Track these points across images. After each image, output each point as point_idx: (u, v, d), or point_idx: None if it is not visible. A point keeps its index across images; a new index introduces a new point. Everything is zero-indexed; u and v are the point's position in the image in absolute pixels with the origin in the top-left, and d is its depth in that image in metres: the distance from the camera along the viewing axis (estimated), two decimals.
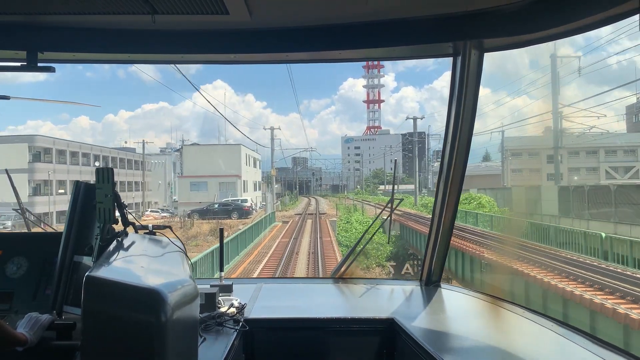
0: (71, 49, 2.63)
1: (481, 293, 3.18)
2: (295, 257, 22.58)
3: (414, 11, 2.40)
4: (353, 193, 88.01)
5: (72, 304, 2.03)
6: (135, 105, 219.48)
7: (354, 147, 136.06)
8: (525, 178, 51.82)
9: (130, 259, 1.81)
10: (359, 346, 2.74)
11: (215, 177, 56.40)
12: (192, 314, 1.70)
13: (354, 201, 58.58)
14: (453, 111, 2.81)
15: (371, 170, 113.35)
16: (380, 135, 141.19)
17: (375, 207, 36.89)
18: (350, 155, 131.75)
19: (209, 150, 60.68)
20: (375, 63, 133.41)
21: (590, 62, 36.14)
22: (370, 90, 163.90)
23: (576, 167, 53.39)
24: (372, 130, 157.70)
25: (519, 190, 36.12)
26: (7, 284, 2.20)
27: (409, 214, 33.82)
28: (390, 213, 3.50)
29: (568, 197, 27.83)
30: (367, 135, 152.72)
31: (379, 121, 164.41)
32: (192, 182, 57.22)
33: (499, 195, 39.58)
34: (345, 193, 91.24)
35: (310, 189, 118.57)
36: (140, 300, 1.46)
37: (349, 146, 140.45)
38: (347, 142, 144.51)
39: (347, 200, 66.63)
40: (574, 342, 2.28)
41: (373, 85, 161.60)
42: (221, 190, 54.69)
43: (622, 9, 1.92)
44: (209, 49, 2.63)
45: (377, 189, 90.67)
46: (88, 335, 1.48)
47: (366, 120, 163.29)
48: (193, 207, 45.12)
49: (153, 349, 1.43)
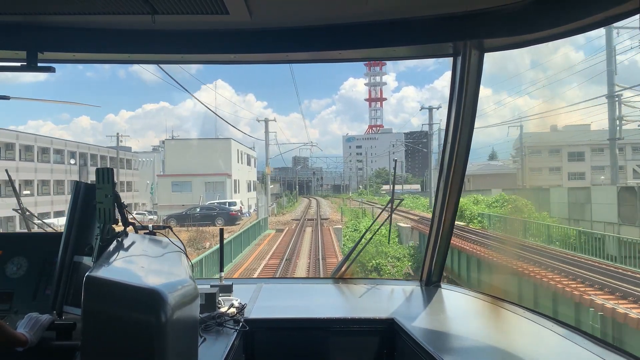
0: (71, 49, 2.63)
1: (481, 293, 3.18)
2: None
3: (414, 11, 2.40)
4: (356, 194, 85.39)
5: (72, 304, 2.03)
6: (136, 105, 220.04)
7: (355, 147, 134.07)
8: (545, 177, 46.79)
9: (131, 259, 1.81)
10: (359, 346, 2.74)
11: (201, 176, 48.50)
12: (192, 314, 1.70)
13: (361, 204, 52.90)
14: (453, 111, 2.81)
15: (374, 170, 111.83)
16: (382, 134, 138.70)
17: (386, 212, 30.24)
18: (352, 155, 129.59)
19: (195, 145, 52.17)
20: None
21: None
22: (372, 89, 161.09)
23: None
24: (374, 129, 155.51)
25: (559, 192, 29.31)
26: (7, 284, 2.20)
27: (425, 219, 28.82)
28: (391, 213, 3.51)
29: (634, 201, 21.49)
30: (369, 134, 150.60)
31: (381, 120, 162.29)
32: (174, 182, 49.24)
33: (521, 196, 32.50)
34: (350, 194, 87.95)
35: (311, 189, 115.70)
36: (140, 301, 1.46)
37: (350, 145, 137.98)
38: (348, 141, 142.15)
39: (352, 202, 61.49)
40: (574, 342, 2.28)
41: (375, 84, 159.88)
42: (208, 191, 47.86)
43: (622, 9, 1.92)
44: (209, 49, 2.63)
45: (381, 189, 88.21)
46: (88, 335, 1.48)
47: (367, 120, 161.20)
48: (176, 210, 39.16)
49: (153, 349, 1.43)
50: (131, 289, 1.49)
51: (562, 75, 39.53)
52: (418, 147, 73.74)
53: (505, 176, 53.47)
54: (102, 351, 1.47)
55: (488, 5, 2.29)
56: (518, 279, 15.10)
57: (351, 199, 67.63)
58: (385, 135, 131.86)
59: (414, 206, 45.80)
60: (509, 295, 11.99)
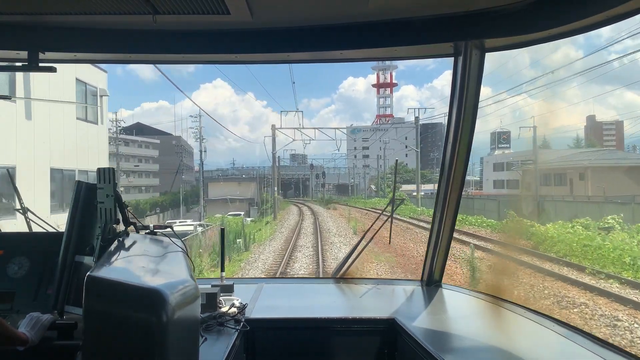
0: (73, 49, 2.63)
1: (482, 293, 3.18)
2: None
3: (415, 11, 2.40)
4: (377, 198, 60.76)
5: (73, 304, 2.03)
6: (135, 104, 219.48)
7: (361, 140, 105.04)
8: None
9: (132, 259, 1.81)
10: (360, 346, 2.74)
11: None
12: (193, 314, 1.71)
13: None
14: (454, 111, 2.81)
15: (390, 166, 78.76)
16: (394, 124, 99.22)
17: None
18: (357, 149, 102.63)
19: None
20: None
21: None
22: (382, 72, 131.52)
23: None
24: (383, 119, 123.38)
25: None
26: (9, 284, 2.21)
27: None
28: (391, 214, 3.51)
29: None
30: (377, 124, 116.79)
31: (390, 109, 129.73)
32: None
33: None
34: (368, 199, 64.15)
35: (309, 189, 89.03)
36: (141, 301, 1.46)
37: (355, 138, 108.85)
38: (353, 133, 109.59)
39: (362, 210, 39.71)
40: (574, 342, 2.28)
41: (384, 67, 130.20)
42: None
43: (623, 9, 1.92)
44: (210, 49, 2.63)
45: (399, 190, 59.38)
46: (89, 335, 1.48)
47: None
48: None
49: (154, 349, 1.43)
50: (132, 289, 1.50)
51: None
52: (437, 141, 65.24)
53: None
54: (103, 351, 1.48)
55: (489, 5, 2.29)
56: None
57: (365, 208, 42.24)
58: (396, 126, 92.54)
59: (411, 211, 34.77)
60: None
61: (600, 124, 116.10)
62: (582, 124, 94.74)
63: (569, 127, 64.33)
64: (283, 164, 74.58)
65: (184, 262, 1.88)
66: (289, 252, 19.20)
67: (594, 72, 43.87)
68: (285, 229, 29.76)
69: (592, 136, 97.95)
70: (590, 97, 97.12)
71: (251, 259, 18.97)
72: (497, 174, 67.71)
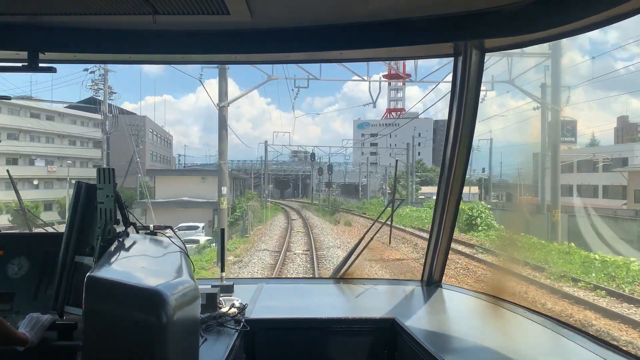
0: (72, 49, 2.64)
1: (481, 293, 3.18)
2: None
3: (414, 11, 2.40)
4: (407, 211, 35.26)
5: (73, 304, 2.03)
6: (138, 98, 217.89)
7: (369, 135, 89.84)
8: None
9: (132, 259, 1.81)
10: (359, 346, 2.74)
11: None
12: (193, 315, 1.70)
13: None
14: (454, 111, 2.81)
15: (407, 165, 56.43)
16: (406, 119, 78.49)
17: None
18: (366, 145, 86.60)
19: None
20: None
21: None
22: (394, 63, 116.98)
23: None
24: (394, 113, 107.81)
25: None
26: (9, 284, 2.21)
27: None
28: (391, 214, 3.51)
29: None
30: (388, 118, 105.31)
31: (402, 102, 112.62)
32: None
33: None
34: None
35: (309, 189, 72.26)
36: (141, 301, 1.46)
37: (363, 133, 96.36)
38: (360, 127, 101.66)
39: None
40: (574, 342, 2.28)
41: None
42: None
43: (623, 9, 1.92)
44: (210, 49, 2.63)
45: (419, 193, 50.59)
46: (89, 335, 1.48)
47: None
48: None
49: (154, 350, 1.43)
50: (132, 289, 1.50)
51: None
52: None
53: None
54: (103, 351, 1.48)
55: (489, 5, 2.29)
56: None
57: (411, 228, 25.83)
58: (408, 120, 70.97)
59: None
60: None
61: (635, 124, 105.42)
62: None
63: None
64: (282, 159, 66.04)
65: (184, 263, 1.88)
66: None
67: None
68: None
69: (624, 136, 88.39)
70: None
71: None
72: (567, 176, 38.87)
